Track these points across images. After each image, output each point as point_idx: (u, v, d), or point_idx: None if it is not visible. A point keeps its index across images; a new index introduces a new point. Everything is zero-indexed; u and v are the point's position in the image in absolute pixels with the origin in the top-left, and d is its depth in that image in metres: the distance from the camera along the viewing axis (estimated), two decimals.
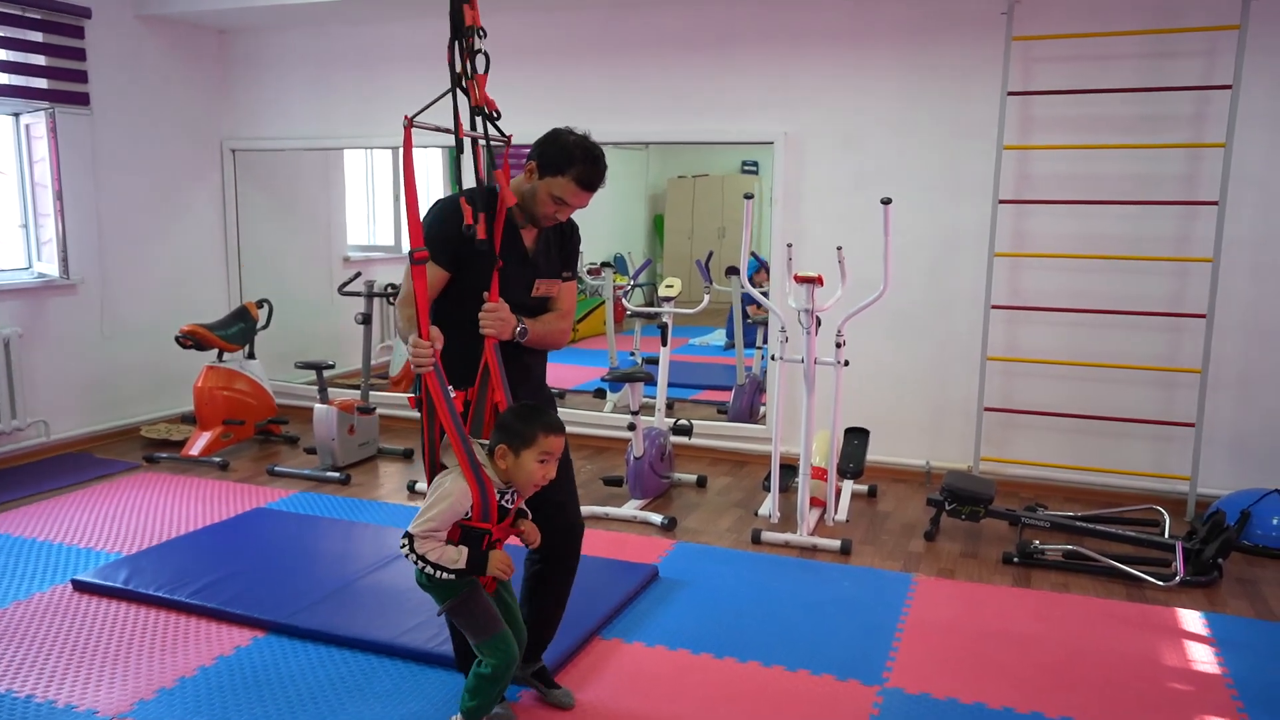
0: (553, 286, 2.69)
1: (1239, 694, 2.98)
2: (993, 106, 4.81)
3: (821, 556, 4.10)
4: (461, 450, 2.28)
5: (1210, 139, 4.55)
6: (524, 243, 2.61)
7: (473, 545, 2.32)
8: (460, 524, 2.31)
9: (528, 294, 2.62)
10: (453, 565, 2.28)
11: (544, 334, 2.62)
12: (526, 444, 2.30)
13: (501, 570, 2.35)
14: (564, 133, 2.53)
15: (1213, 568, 3.86)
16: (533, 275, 2.63)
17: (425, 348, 2.26)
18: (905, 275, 5.00)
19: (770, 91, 5.27)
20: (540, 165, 2.51)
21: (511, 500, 2.38)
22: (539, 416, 2.36)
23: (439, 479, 2.35)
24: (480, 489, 2.29)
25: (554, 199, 2.51)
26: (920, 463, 5.19)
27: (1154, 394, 4.80)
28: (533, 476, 2.33)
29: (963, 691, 2.96)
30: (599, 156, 2.52)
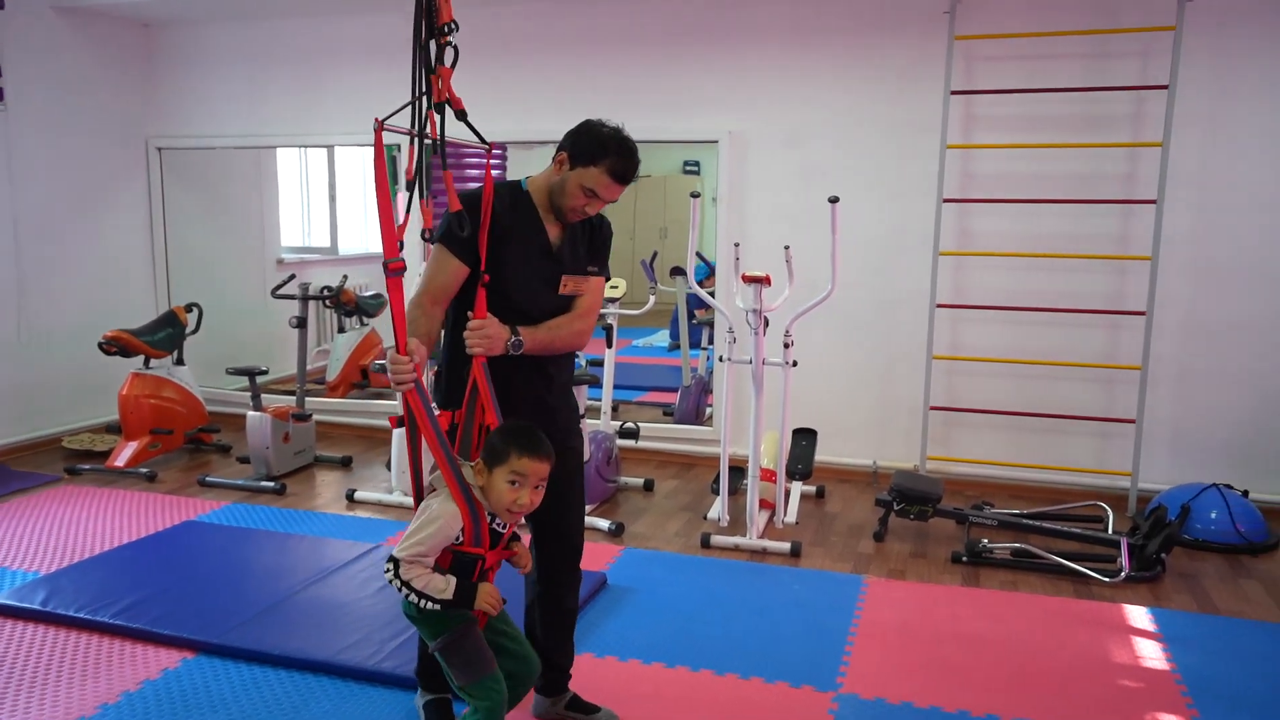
0: (582, 284, 2.52)
1: (1188, 689, 2.99)
2: (936, 105, 4.82)
3: (771, 559, 4.06)
4: (449, 471, 2.13)
5: (1148, 138, 4.60)
6: (548, 237, 2.47)
7: (463, 573, 2.16)
8: (451, 549, 2.16)
9: (554, 292, 2.48)
10: (439, 595, 2.11)
11: (549, 340, 2.43)
12: (499, 462, 2.13)
13: (490, 605, 2.17)
14: (597, 124, 2.42)
15: (1156, 563, 3.89)
16: (559, 271, 2.48)
17: (404, 363, 2.11)
18: (851, 274, 4.97)
19: (715, 90, 5.22)
20: (572, 156, 2.39)
21: (503, 525, 2.22)
22: (520, 436, 2.16)
23: (427, 501, 2.19)
24: (471, 512, 2.14)
25: (585, 191, 2.38)
26: (868, 462, 5.18)
27: (1096, 391, 4.85)
28: (502, 499, 2.14)
29: (918, 695, 2.92)
30: (633, 149, 2.41)
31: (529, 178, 2.52)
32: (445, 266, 2.36)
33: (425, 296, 2.38)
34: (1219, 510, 4.27)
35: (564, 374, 2.59)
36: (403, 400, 2.16)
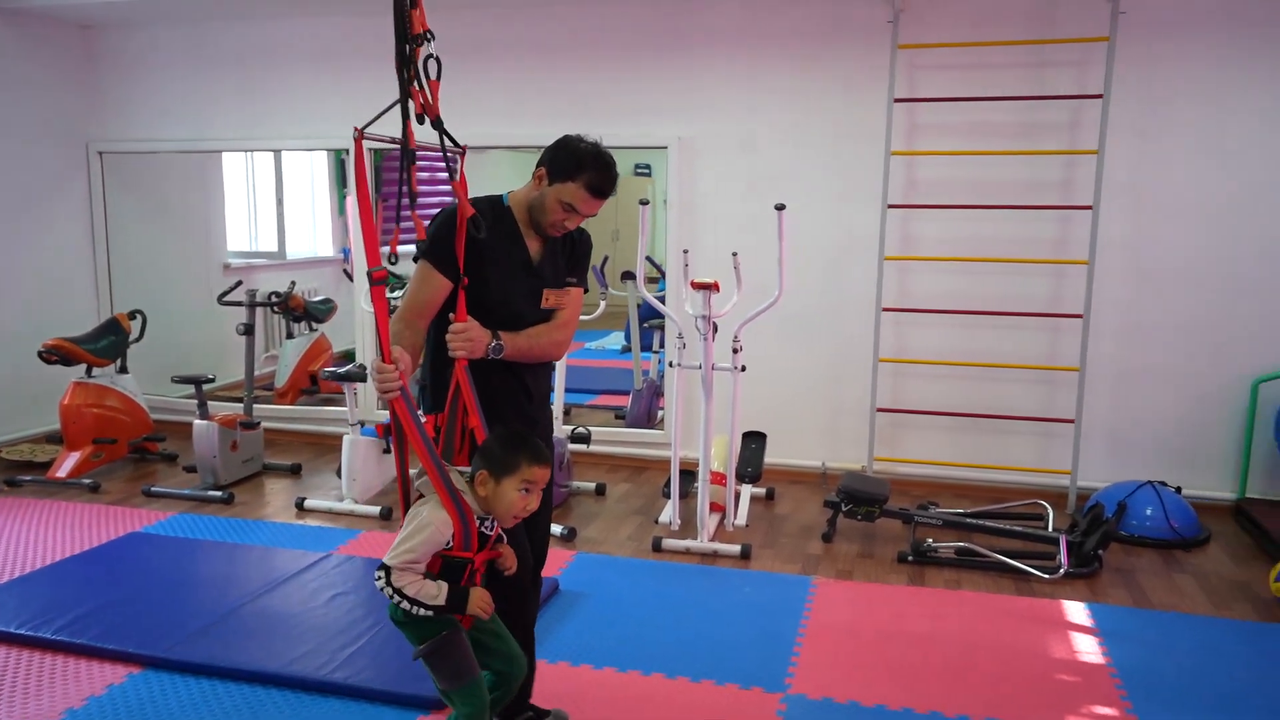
0: (562, 296, 2.56)
1: (1122, 682, 3.09)
2: (880, 113, 4.91)
3: (722, 562, 4.10)
4: (438, 477, 2.14)
5: (1084, 146, 4.73)
6: (529, 252, 2.50)
7: (453, 578, 2.17)
8: (441, 554, 2.16)
9: (536, 305, 2.51)
10: (432, 601, 2.12)
11: (528, 347, 2.46)
12: (508, 472, 2.17)
13: (482, 609, 2.19)
14: (575, 139, 2.44)
15: (1094, 559, 4.01)
16: (539, 285, 2.51)
17: (389, 372, 2.11)
18: (799, 279, 5.04)
19: (664, 96, 5.26)
20: (550, 171, 2.42)
21: (491, 527, 2.24)
22: (525, 444, 2.21)
23: (415, 508, 2.20)
24: (461, 517, 2.15)
25: (564, 206, 2.41)
26: (817, 464, 5.25)
27: (1037, 391, 4.97)
28: (512, 507, 2.19)
29: (864, 694, 2.99)
30: (610, 163, 2.44)
31: (510, 193, 2.54)
32: (428, 282, 2.38)
33: (409, 311, 2.39)
34: (1154, 507, 4.41)
35: (542, 386, 2.62)
36: (389, 409, 2.16)
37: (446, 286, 2.37)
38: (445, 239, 2.33)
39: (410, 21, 2.14)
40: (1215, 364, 4.77)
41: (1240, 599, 3.79)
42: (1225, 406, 4.79)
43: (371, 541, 4.27)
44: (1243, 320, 4.71)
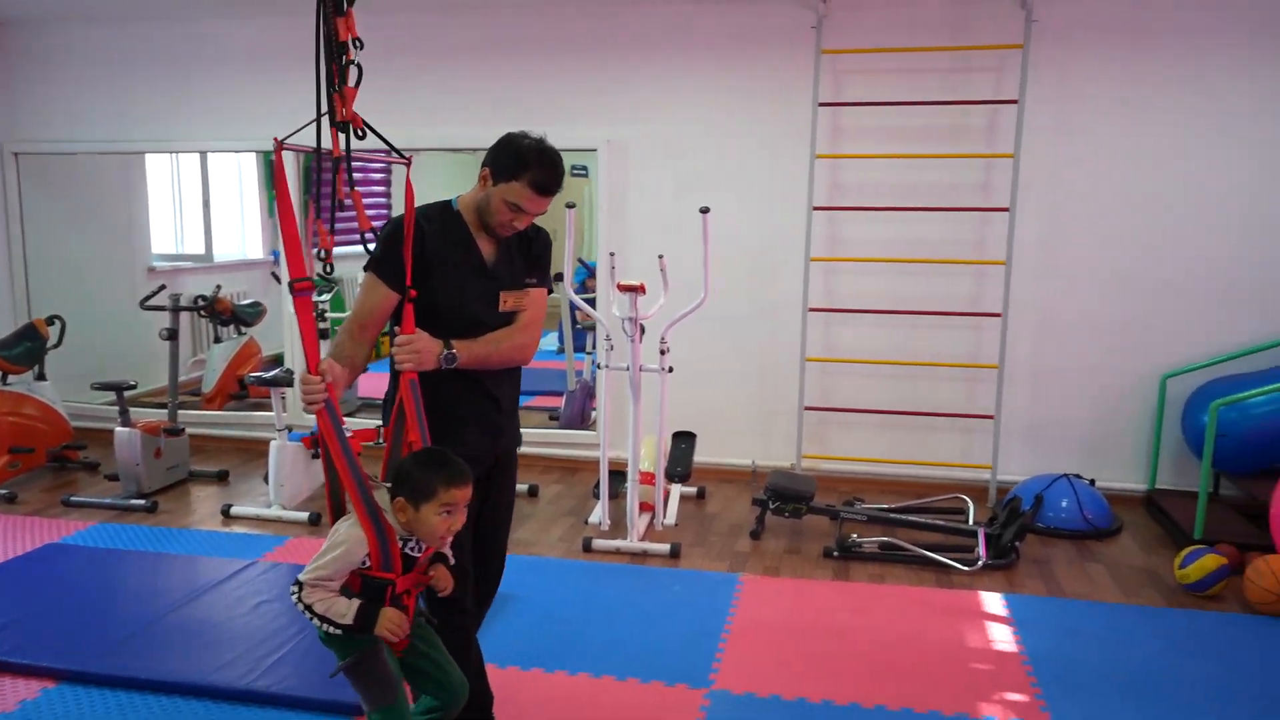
0: (522, 298, 2.49)
1: (1034, 669, 3.20)
2: (805, 116, 5.00)
3: (652, 561, 4.15)
4: (357, 495, 2.09)
5: (1001, 149, 4.87)
6: (482, 255, 2.45)
7: (374, 597, 2.12)
8: (360, 574, 2.12)
9: (494, 309, 2.45)
10: (340, 619, 2.07)
11: (487, 354, 2.39)
12: (426, 497, 2.09)
13: (391, 630, 2.10)
14: (518, 137, 2.39)
15: (1011, 550, 4.13)
16: (496, 289, 2.45)
17: (316, 384, 2.08)
18: (728, 281, 5.11)
19: (594, 99, 5.29)
20: (494, 171, 2.37)
21: (418, 549, 2.19)
22: (440, 466, 2.13)
23: (337, 524, 2.16)
24: (379, 537, 2.09)
25: (509, 205, 2.36)
26: (747, 463, 5.33)
27: (958, 389, 5.11)
28: (435, 530, 2.12)
29: (786, 688, 3.05)
30: (556, 160, 2.38)
31: (459, 196, 2.50)
32: (373, 293, 2.35)
33: (354, 323, 2.37)
34: (1069, 499, 4.56)
35: (510, 394, 2.56)
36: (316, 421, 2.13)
37: (392, 298, 2.34)
38: (391, 249, 2.31)
39: (336, 29, 2.12)
40: (1126, 360, 4.94)
41: (1148, 586, 3.94)
42: (1136, 401, 4.96)
43: (299, 548, 4.24)
44: (1152, 318, 4.89)
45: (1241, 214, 4.74)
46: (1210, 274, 4.80)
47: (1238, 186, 4.73)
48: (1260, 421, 4.42)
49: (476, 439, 2.45)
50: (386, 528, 2.11)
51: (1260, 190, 4.71)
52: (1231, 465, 4.57)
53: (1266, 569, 3.64)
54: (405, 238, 2.30)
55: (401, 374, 2.28)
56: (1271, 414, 4.40)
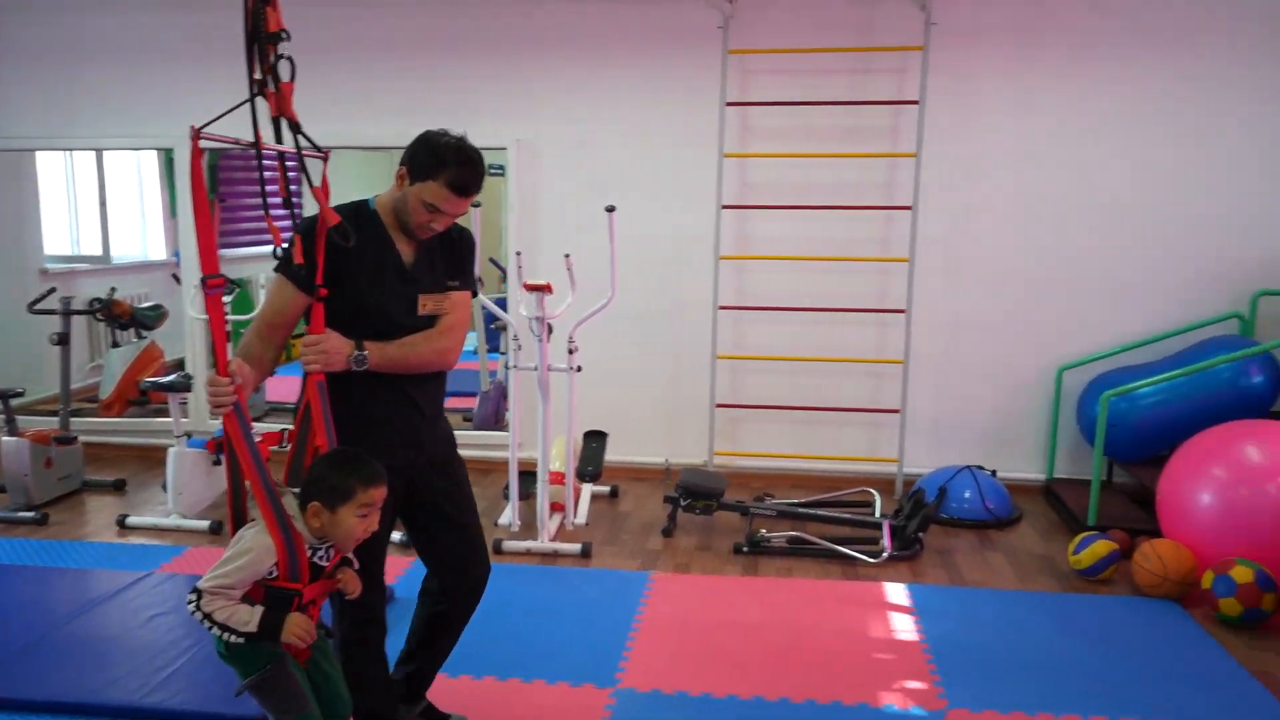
0: (442, 301, 2.41)
1: (933, 657, 3.27)
2: (713, 116, 5.03)
3: (563, 561, 4.14)
4: (265, 501, 2.02)
5: (904, 149, 4.98)
6: (400, 256, 2.36)
7: (279, 607, 2.05)
8: (265, 584, 2.04)
9: (412, 312, 2.37)
10: (243, 627, 2.00)
11: (402, 357, 2.31)
12: (343, 499, 2.04)
13: (299, 636, 2.05)
14: (436, 135, 2.31)
15: (914, 542, 4.23)
16: (415, 291, 2.37)
17: (224, 385, 2.01)
18: (638, 279, 5.13)
19: (503, 97, 5.25)
20: (411, 170, 2.29)
21: (327, 556, 2.12)
22: (355, 466, 2.09)
23: (241, 532, 2.08)
24: (288, 545, 2.03)
25: (427, 206, 2.28)
26: (660, 460, 5.35)
27: (865, 384, 5.20)
28: (353, 533, 2.08)
29: (691, 684, 3.07)
30: (474, 159, 2.30)
31: (376, 196, 2.42)
32: (282, 294, 2.28)
33: (262, 322, 2.29)
34: (971, 490, 4.68)
35: (434, 401, 2.49)
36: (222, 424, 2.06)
37: (301, 299, 2.27)
38: (303, 248, 2.23)
39: (265, 19, 2.05)
40: (1025, 354, 5.10)
41: (1044, 572, 4.07)
42: (1035, 393, 5.12)
43: (199, 558, 4.11)
44: (1049, 312, 5.05)
45: (1130, 212, 4.93)
46: (1102, 269, 4.98)
47: (1126, 185, 4.91)
48: (1148, 411, 4.60)
49: (397, 448, 2.38)
50: (295, 536, 2.06)
51: (1146, 189, 4.90)
52: (1123, 454, 4.74)
53: (1153, 552, 3.79)
54: (318, 236, 2.23)
55: (309, 375, 2.22)
56: (1158, 404, 4.58)
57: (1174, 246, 4.92)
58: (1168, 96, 4.82)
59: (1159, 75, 4.81)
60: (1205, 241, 4.89)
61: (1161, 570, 3.73)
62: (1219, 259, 4.90)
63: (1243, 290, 4.89)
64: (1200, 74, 4.79)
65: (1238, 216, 4.86)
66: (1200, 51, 4.77)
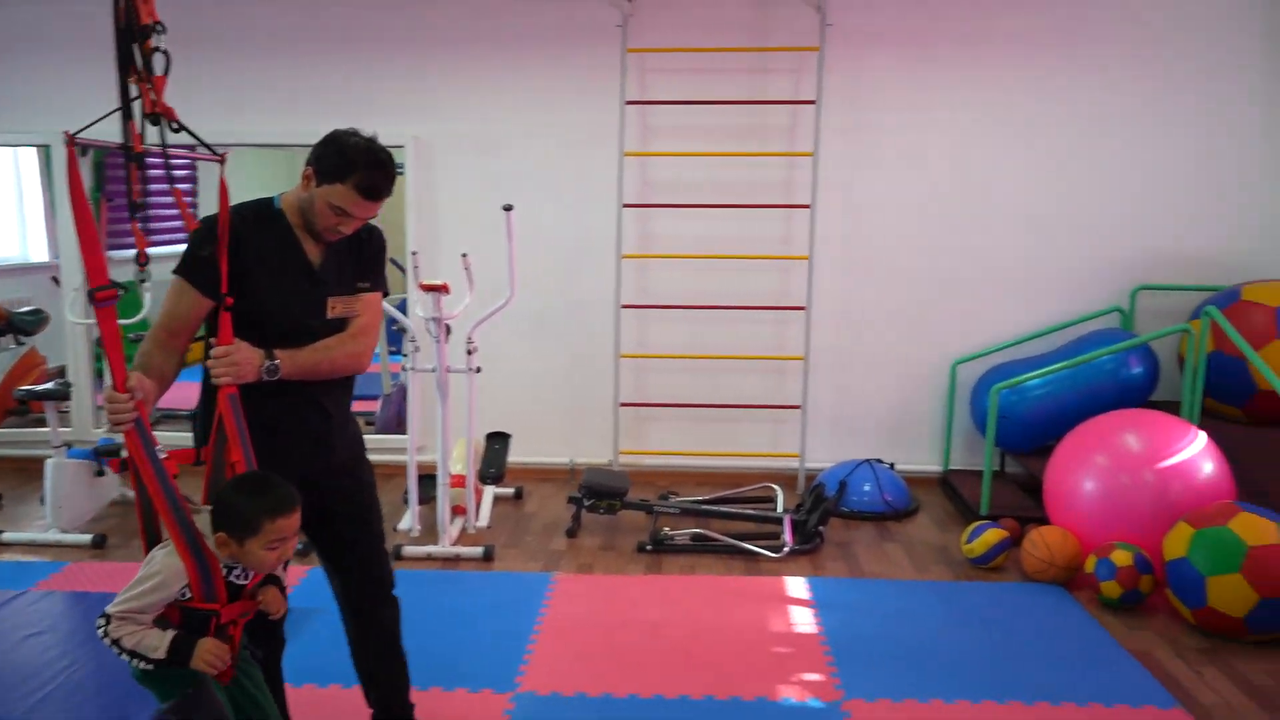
0: (353, 303, 2.34)
1: (831, 649, 3.32)
2: (614, 114, 5.03)
3: (465, 566, 4.08)
4: (173, 522, 1.92)
5: (802, 148, 5.05)
6: (307, 257, 2.29)
7: (195, 629, 1.96)
8: (180, 606, 1.95)
9: (320, 315, 2.29)
10: (152, 654, 1.90)
11: (315, 363, 2.24)
12: (250, 533, 1.95)
13: (209, 662, 1.94)
14: (344, 135, 2.23)
15: (815, 535, 4.29)
16: (322, 293, 2.29)
17: (123, 401, 1.90)
18: (540, 279, 5.10)
19: (399, 93, 5.15)
20: (318, 171, 2.21)
21: (245, 575, 2.03)
22: (262, 494, 1.99)
23: (153, 553, 1.98)
24: (200, 566, 1.93)
25: (334, 209, 2.20)
26: (564, 461, 5.32)
27: (767, 380, 5.26)
28: (265, 563, 1.99)
29: (592, 685, 3.05)
30: (385, 162, 2.23)
31: (282, 195, 2.34)
32: (183, 298, 2.17)
33: (162, 331, 2.18)
34: (870, 483, 4.77)
35: (342, 405, 2.41)
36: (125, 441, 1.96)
37: (204, 304, 2.17)
38: (202, 252, 2.13)
39: (137, 11, 1.94)
40: (921, 348, 5.22)
41: (939, 562, 4.18)
42: (930, 387, 5.26)
43: (80, 574, 3.93)
44: (943, 307, 5.18)
45: (1018, 210, 5.09)
46: (993, 266, 5.13)
47: (1014, 184, 5.08)
48: (1036, 403, 4.75)
49: (305, 457, 2.31)
50: (208, 556, 1.97)
51: (1034, 188, 5.07)
52: (1013, 444, 4.90)
53: (1040, 540, 3.91)
54: (219, 239, 2.14)
55: (220, 388, 2.12)
56: (1046, 396, 4.74)
57: (1060, 244, 5.10)
58: (1051, 99, 5.00)
59: (1043, 79, 4.98)
60: (1088, 239, 5.08)
61: (1048, 556, 3.86)
62: (1101, 255, 5.09)
63: (1123, 285, 5.10)
64: (1080, 78, 4.97)
65: (1118, 215, 5.06)
66: (1080, 56, 4.96)
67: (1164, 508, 3.70)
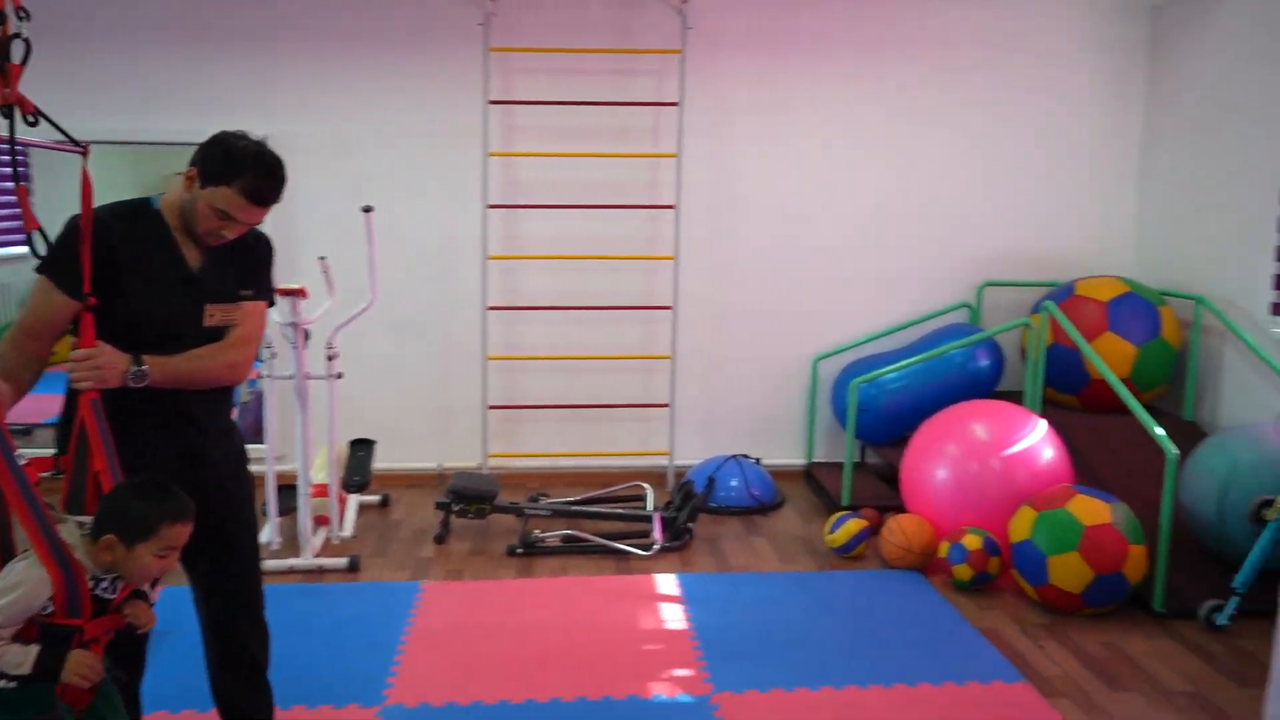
0: (233, 311, 2.23)
1: (700, 644, 3.38)
2: (477, 114, 4.97)
3: (329, 578, 3.96)
4: (38, 532, 1.77)
5: (666, 149, 5.11)
6: (186, 261, 2.17)
7: (57, 646, 1.81)
8: (39, 621, 1.79)
9: (197, 322, 2.18)
10: (15, 670, 1.75)
11: (188, 372, 2.14)
12: (143, 536, 1.84)
13: (82, 676, 1.81)
14: (232, 137, 2.14)
15: (684, 532, 4.35)
16: (201, 300, 2.18)
17: None
18: (405, 281, 5.00)
19: (253, 90, 4.95)
20: (203, 173, 2.10)
21: (113, 589, 1.89)
22: (162, 499, 1.88)
23: (10, 565, 1.82)
24: (66, 578, 1.79)
25: (218, 213, 2.10)
26: (433, 466, 5.23)
27: (636, 380, 5.30)
28: (148, 571, 1.87)
29: (462, 694, 3.01)
30: (275, 166, 2.16)
31: (161, 195, 2.21)
32: (45, 299, 2.05)
33: (21, 332, 2.04)
34: (737, 478, 4.87)
35: (220, 418, 2.32)
36: None
37: (69, 305, 2.04)
38: (70, 250, 1.99)
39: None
40: (784, 345, 5.36)
41: (804, 553, 4.30)
42: (793, 383, 5.40)
43: None
44: (804, 305, 5.33)
45: (873, 210, 5.29)
46: (851, 264, 5.31)
47: (869, 185, 5.27)
48: (893, 396, 4.94)
49: (174, 470, 2.16)
50: (75, 567, 1.83)
51: (888, 189, 5.28)
52: (872, 436, 5.08)
53: (898, 527, 4.08)
54: (83, 236, 2.00)
55: (81, 393, 1.99)
56: (901, 389, 4.93)
57: (913, 243, 5.32)
58: (902, 104, 5.21)
59: (894, 84, 5.19)
60: (939, 238, 5.32)
61: (905, 543, 4.03)
62: (950, 254, 5.34)
63: (970, 282, 5.36)
64: (929, 85, 5.20)
65: (965, 216, 5.32)
66: (929, 64, 5.19)
67: (1010, 493, 3.91)
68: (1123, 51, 5.27)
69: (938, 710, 2.96)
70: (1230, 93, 4.68)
